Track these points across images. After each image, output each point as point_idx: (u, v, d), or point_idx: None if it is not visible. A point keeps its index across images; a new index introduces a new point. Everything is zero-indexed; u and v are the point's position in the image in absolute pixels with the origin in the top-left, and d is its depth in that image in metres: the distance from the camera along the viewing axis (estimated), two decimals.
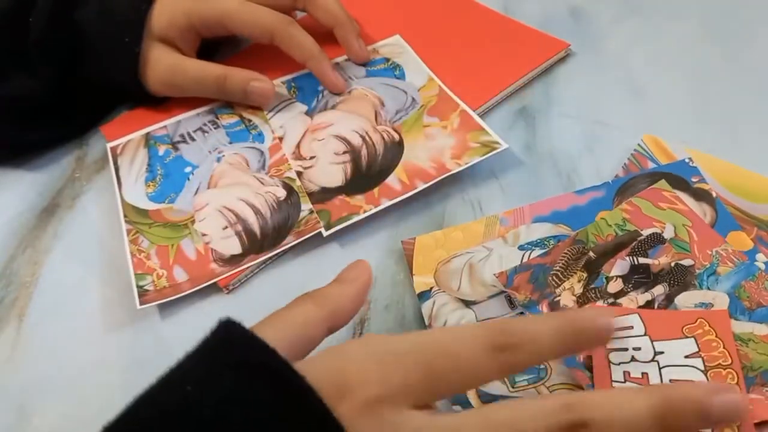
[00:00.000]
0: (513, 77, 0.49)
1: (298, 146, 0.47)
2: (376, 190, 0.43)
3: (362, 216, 0.42)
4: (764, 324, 0.35)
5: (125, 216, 0.44)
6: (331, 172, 0.45)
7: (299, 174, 0.45)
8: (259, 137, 0.48)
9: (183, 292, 0.40)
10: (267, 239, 0.42)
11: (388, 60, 0.52)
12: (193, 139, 0.48)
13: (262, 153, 0.47)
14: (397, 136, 0.46)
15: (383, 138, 0.46)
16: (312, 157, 0.46)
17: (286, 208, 0.44)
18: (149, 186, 0.46)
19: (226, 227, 0.43)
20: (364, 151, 0.46)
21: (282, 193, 0.44)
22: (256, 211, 0.44)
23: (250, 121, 0.49)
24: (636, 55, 0.51)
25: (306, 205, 0.43)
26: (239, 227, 0.43)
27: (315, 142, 0.47)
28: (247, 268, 0.41)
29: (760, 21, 0.52)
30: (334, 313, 0.29)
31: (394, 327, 0.38)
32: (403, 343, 0.26)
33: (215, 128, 0.49)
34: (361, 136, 0.47)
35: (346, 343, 0.26)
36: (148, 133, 0.49)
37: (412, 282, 0.39)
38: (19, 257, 0.43)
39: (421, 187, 0.43)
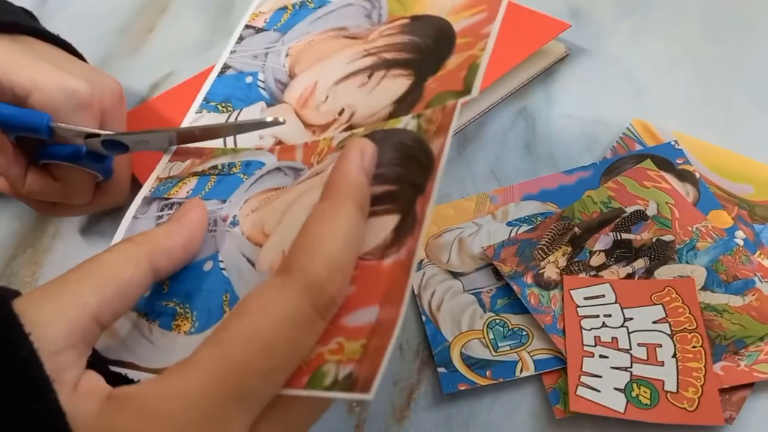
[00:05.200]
0: (516, 58, 0.48)
1: (308, 124, 0.33)
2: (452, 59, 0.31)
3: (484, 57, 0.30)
4: (739, 296, 0.36)
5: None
6: (385, 89, 0.32)
7: (350, 128, 0.31)
8: (253, 166, 0.33)
9: None
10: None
11: (286, 8, 0.38)
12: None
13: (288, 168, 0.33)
14: (406, 19, 0.34)
15: (391, 32, 0.34)
16: (341, 111, 0.32)
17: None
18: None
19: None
20: (388, 54, 0.32)
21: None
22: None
23: (218, 167, 0.34)
24: (636, 54, 0.51)
25: (406, 118, 0.30)
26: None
27: (322, 105, 0.33)
28: None
29: (760, 21, 0.52)
30: (155, 251, 0.27)
31: None
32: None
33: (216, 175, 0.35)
34: (366, 54, 0.33)
35: (139, 393, 0.23)
36: (146, 197, 0.35)
37: None
38: (19, 257, 0.43)
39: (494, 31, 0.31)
